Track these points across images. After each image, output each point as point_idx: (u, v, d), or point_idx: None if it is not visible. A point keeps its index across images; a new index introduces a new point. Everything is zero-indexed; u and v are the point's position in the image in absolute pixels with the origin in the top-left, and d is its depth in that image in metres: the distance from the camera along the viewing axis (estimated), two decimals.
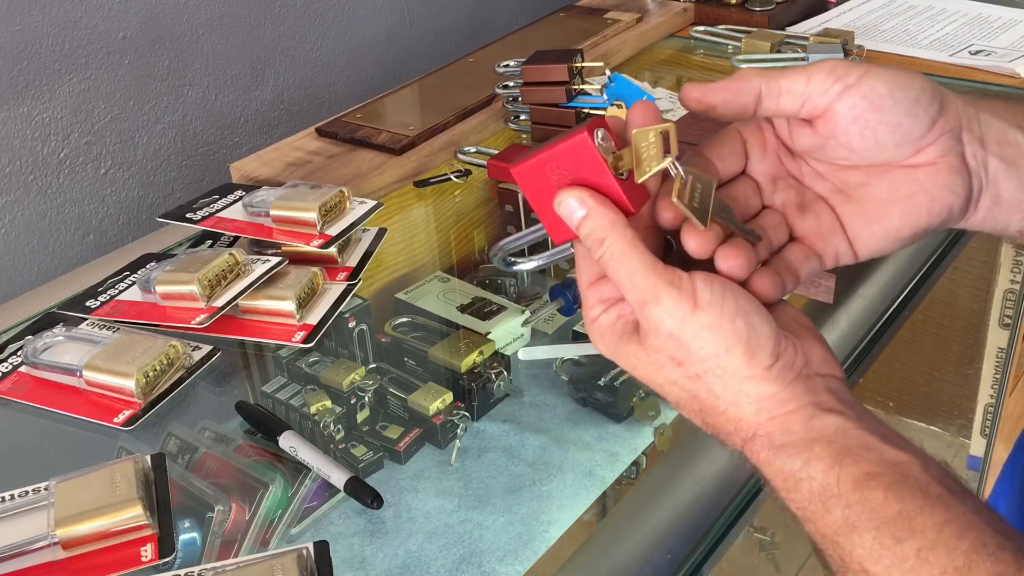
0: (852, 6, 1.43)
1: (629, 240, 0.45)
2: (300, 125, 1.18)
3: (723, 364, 0.44)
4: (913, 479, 0.41)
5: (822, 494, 0.42)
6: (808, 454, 0.43)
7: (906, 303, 0.88)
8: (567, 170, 0.47)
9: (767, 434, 0.44)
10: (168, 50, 1.10)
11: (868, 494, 0.41)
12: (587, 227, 0.46)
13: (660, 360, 0.46)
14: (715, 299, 0.44)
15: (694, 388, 0.45)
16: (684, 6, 1.40)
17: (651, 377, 0.47)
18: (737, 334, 0.44)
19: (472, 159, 1.05)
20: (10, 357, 0.78)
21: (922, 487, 0.41)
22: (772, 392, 0.44)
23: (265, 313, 0.78)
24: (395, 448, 0.72)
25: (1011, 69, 1.18)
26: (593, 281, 0.48)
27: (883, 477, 0.41)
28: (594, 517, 0.69)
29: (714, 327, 0.44)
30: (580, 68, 1.05)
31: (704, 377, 0.45)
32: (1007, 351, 1.65)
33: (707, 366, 0.44)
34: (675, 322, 0.44)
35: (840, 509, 0.42)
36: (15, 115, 0.97)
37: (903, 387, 1.86)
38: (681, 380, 0.46)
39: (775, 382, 0.44)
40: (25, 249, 1.01)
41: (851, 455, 0.42)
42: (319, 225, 0.83)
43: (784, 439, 0.44)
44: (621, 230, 0.45)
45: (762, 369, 0.44)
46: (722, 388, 0.45)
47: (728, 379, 0.44)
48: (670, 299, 0.44)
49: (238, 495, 0.65)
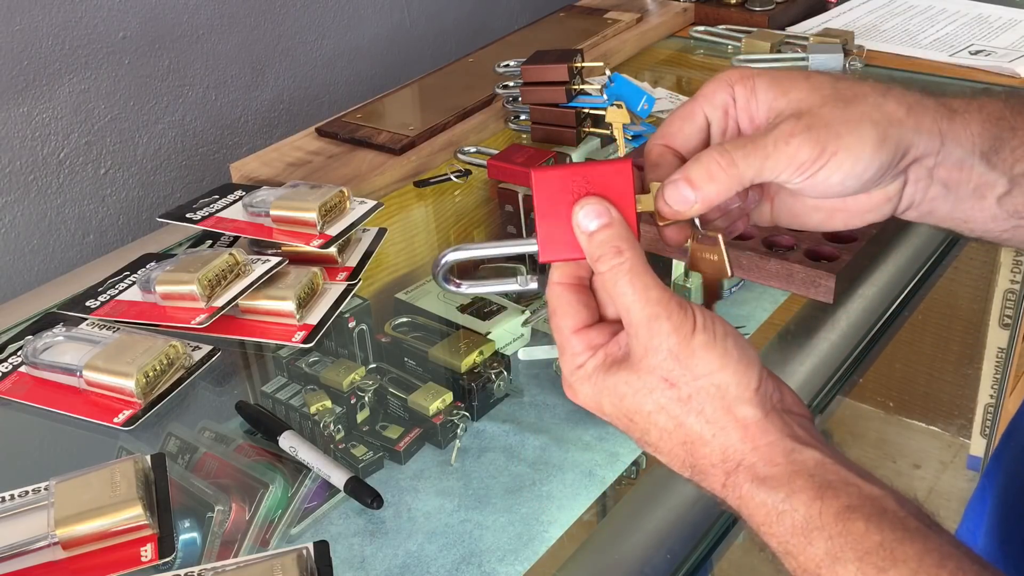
0: (852, 6, 1.43)
1: (645, 259, 0.46)
2: (300, 125, 1.18)
3: (716, 382, 0.45)
4: (891, 512, 0.42)
5: (805, 527, 0.43)
6: (791, 486, 0.44)
7: (906, 303, 0.88)
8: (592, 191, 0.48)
9: (751, 465, 0.45)
10: (168, 50, 1.10)
11: (850, 526, 0.42)
12: (606, 235, 0.46)
13: (652, 383, 0.46)
14: (708, 324, 0.45)
15: (682, 413, 0.46)
16: (684, 6, 1.40)
17: (639, 404, 0.47)
18: (729, 353, 0.45)
19: (472, 159, 1.05)
20: (10, 357, 0.78)
21: (900, 519, 0.42)
22: (756, 418, 0.45)
23: (265, 313, 0.78)
24: (395, 448, 0.72)
25: (1011, 69, 1.18)
26: (579, 328, 0.48)
27: (863, 510, 0.42)
28: (594, 517, 0.69)
29: (709, 347, 0.45)
30: (580, 68, 1.05)
31: (695, 398, 0.45)
32: (1007, 351, 1.65)
33: (700, 384, 0.45)
34: (678, 339, 0.45)
35: (823, 541, 0.42)
36: (15, 115, 0.97)
37: (903, 387, 1.86)
38: (670, 404, 0.46)
39: (759, 407, 0.45)
40: (25, 249, 1.01)
41: (832, 488, 0.43)
42: (319, 225, 0.83)
43: (767, 471, 0.44)
44: (639, 248, 0.47)
45: (751, 391, 0.45)
46: (712, 410, 0.45)
47: (719, 399, 0.45)
48: (678, 317, 0.45)
49: (238, 495, 0.65)
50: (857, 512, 0.42)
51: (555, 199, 0.48)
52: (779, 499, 0.43)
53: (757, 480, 0.44)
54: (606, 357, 0.47)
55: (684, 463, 0.47)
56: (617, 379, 0.47)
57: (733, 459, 0.45)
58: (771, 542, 0.44)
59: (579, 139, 1.05)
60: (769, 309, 0.86)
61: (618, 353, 0.47)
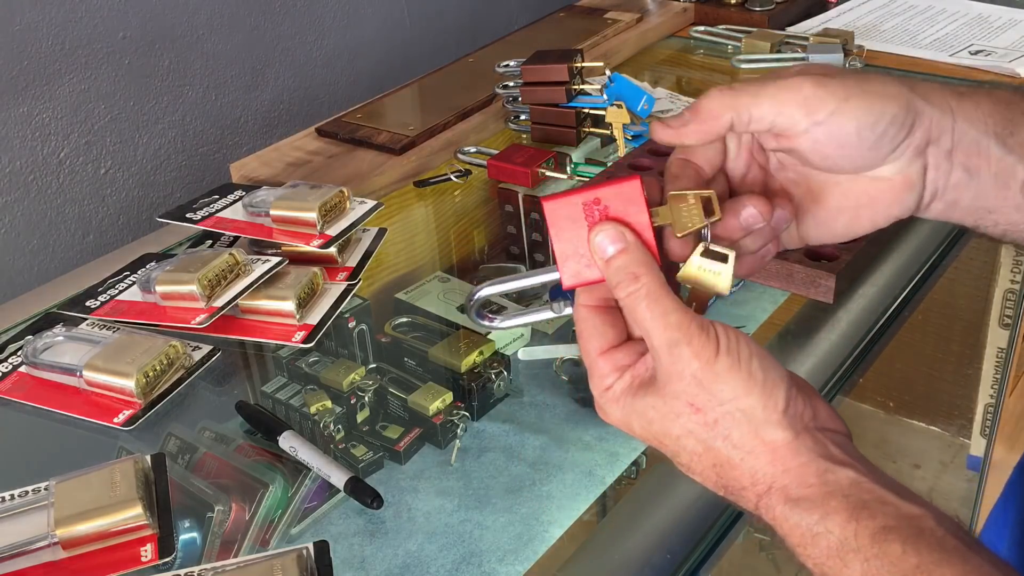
0: (852, 6, 1.43)
1: (663, 280, 0.46)
2: (300, 125, 1.18)
3: (742, 407, 0.44)
4: (929, 532, 0.41)
5: (840, 548, 0.42)
6: (825, 508, 0.43)
7: (906, 303, 0.88)
8: (605, 213, 0.48)
9: (783, 487, 0.44)
10: (168, 50, 1.10)
11: (886, 547, 0.41)
12: (622, 260, 0.46)
13: (678, 408, 0.45)
14: (732, 346, 0.45)
15: (710, 438, 0.45)
16: (684, 6, 1.40)
17: (667, 429, 0.46)
18: (753, 376, 0.44)
19: (472, 159, 1.05)
20: (10, 357, 0.78)
21: (938, 539, 0.41)
22: (786, 440, 0.44)
23: (265, 313, 0.78)
24: (395, 448, 0.72)
25: (1011, 69, 1.18)
26: (605, 350, 0.48)
27: (900, 531, 0.41)
28: (594, 517, 0.69)
29: (734, 370, 0.44)
30: (580, 68, 1.05)
31: (722, 422, 0.45)
32: (1007, 351, 1.64)
33: (726, 409, 0.45)
34: (700, 364, 0.44)
35: (859, 564, 0.42)
36: (15, 115, 0.97)
37: (903, 387, 1.86)
38: (697, 429, 0.45)
39: (788, 429, 0.44)
40: (25, 249, 1.01)
41: (867, 509, 0.42)
42: (319, 225, 0.83)
43: (800, 492, 0.44)
44: (656, 270, 0.46)
45: (778, 413, 0.44)
46: (739, 435, 0.45)
47: (746, 424, 0.44)
48: (699, 341, 0.44)
49: (238, 495, 0.65)
50: (893, 533, 0.41)
51: (570, 224, 0.48)
52: (813, 521, 0.43)
53: (790, 502, 0.44)
54: (633, 379, 0.47)
55: (717, 484, 0.47)
56: (645, 403, 0.47)
57: (764, 482, 0.45)
58: (808, 563, 0.44)
59: (579, 139, 1.05)
60: (769, 309, 0.86)
61: (645, 375, 0.47)
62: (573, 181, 0.97)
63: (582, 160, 1.03)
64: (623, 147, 1.02)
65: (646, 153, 0.96)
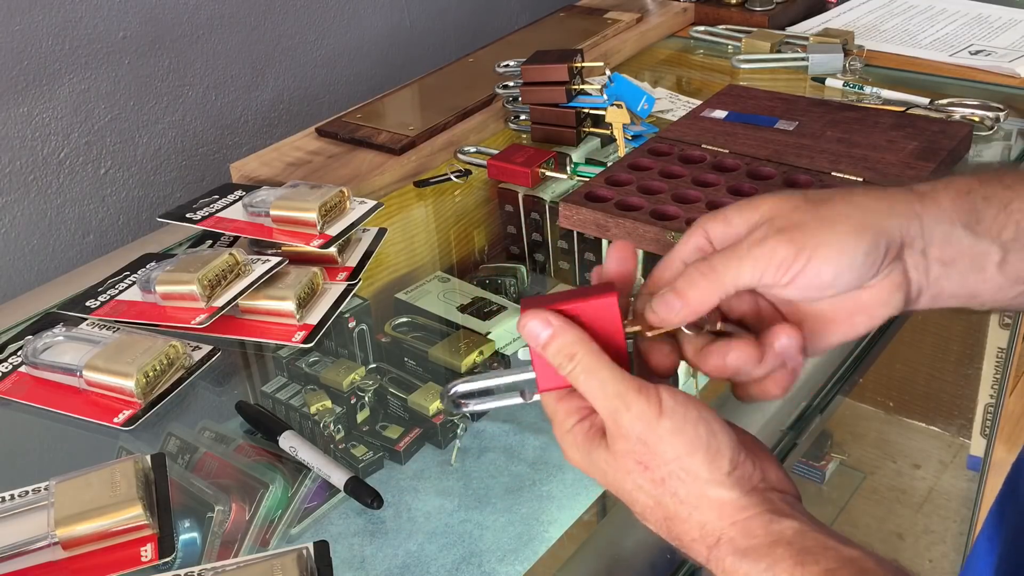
0: (852, 6, 1.43)
1: (597, 353, 0.48)
2: (300, 125, 1.18)
3: (686, 467, 0.46)
4: (871, 572, 0.43)
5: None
6: (772, 556, 0.45)
7: None
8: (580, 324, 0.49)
9: (731, 539, 0.46)
10: (168, 50, 1.10)
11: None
12: (556, 345, 0.49)
13: (628, 465, 0.48)
14: (678, 407, 0.47)
15: (659, 494, 0.47)
16: (684, 6, 1.40)
17: (619, 483, 0.49)
18: (699, 439, 0.46)
19: (472, 159, 1.05)
20: (10, 357, 0.78)
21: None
22: (732, 498, 0.46)
23: (265, 313, 0.78)
24: (395, 448, 0.72)
25: (1011, 69, 1.18)
26: (563, 396, 0.51)
27: (842, 571, 0.43)
28: (594, 517, 0.69)
29: (677, 432, 0.46)
30: (580, 68, 1.05)
31: (668, 481, 0.47)
32: (1007, 351, 1.64)
33: (671, 469, 0.47)
34: (643, 426, 0.47)
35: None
36: (15, 115, 0.97)
37: (903, 387, 1.86)
38: (647, 485, 0.48)
39: (734, 489, 0.46)
40: (25, 249, 1.01)
41: (811, 554, 0.44)
42: (319, 225, 0.83)
43: (747, 543, 0.45)
44: (588, 344, 0.49)
45: (722, 474, 0.46)
46: (686, 492, 0.47)
47: (692, 482, 0.47)
48: (639, 405, 0.47)
49: (238, 495, 0.65)
50: (837, 574, 0.43)
51: None
52: (761, 569, 0.45)
53: (739, 553, 0.46)
54: (591, 426, 0.50)
55: (669, 535, 0.49)
56: (598, 456, 0.49)
57: (712, 534, 0.47)
58: None
59: (579, 139, 1.05)
60: None
61: (601, 425, 0.49)
62: (573, 181, 0.97)
63: (582, 160, 1.03)
64: (623, 147, 1.02)
65: (646, 153, 0.96)
